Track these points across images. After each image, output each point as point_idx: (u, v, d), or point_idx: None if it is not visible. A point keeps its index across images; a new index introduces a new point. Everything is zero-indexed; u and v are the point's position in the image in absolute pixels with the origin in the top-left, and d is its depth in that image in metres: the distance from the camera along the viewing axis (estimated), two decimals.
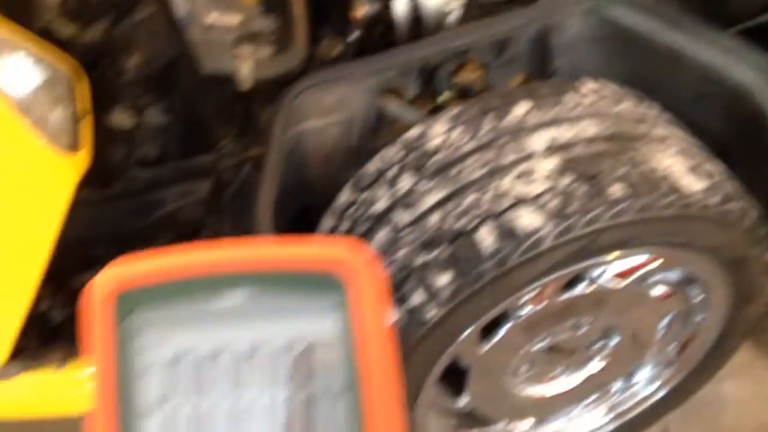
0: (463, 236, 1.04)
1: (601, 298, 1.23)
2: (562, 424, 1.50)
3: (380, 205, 1.15)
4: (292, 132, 1.22)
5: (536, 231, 1.01)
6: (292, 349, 0.25)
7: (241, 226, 1.42)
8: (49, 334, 1.24)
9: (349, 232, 1.18)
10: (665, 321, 1.35)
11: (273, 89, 1.30)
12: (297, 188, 1.28)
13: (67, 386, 1.06)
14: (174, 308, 0.25)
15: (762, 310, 1.34)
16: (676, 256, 1.18)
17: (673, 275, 1.27)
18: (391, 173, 1.17)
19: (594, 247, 1.05)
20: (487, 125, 1.12)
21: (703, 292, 1.30)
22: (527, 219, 1.02)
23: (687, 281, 1.29)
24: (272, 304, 0.25)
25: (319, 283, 0.25)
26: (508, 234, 1.02)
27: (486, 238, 1.03)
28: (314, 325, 0.25)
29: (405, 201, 1.12)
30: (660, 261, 1.22)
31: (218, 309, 0.25)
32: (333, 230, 1.21)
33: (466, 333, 1.15)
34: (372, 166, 1.20)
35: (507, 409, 1.40)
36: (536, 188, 1.04)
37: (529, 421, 1.48)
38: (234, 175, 1.34)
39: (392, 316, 0.26)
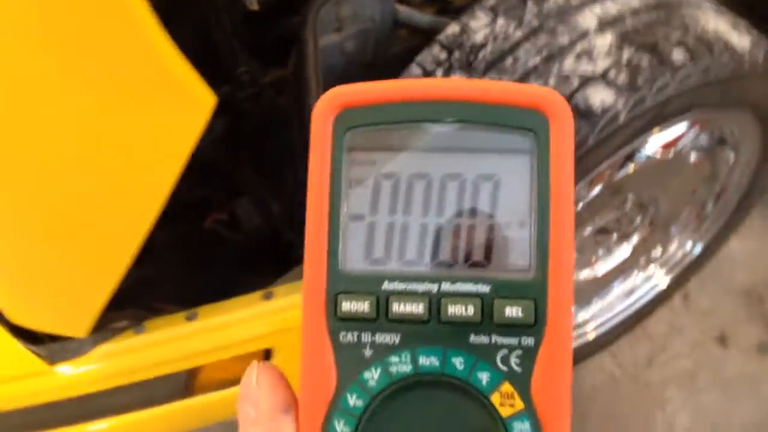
0: None
1: (647, 171, 1.25)
2: (600, 305, 1.54)
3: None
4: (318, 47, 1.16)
5: (611, 107, 1.00)
6: (485, 181, 0.29)
7: (261, 162, 1.36)
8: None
9: None
10: (699, 185, 1.39)
11: (283, 7, 1.23)
12: None
13: (149, 348, 1.00)
14: (385, 132, 0.29)
15: None
16: (721, 117, 1.21)
17: (710, 139, 1.30)
18: (436, 76, 1.13)
19: (663, 115, 1.05)
20: (530, 11, 1.10)
21: (734, 151, 1.33)
22: (599, 96, 1.01)
23: (720, 143, 1.32)
24: (474, 139, 0.29)
25: (523, 120, 0.29)
26: (582, 114, 1.00)
27: None
28: (510, 160, 0.29)
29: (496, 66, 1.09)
30: (699, 126, 1.24)
31: (425, 138, 0.29)
32: None
33: None
34: (411, 72, 1.16)
35: None
36: (600, 65, 1.02)
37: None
38: (253, 106, 1.26)
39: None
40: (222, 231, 1.37)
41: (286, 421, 0.29)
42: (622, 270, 1.46)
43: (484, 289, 0.29)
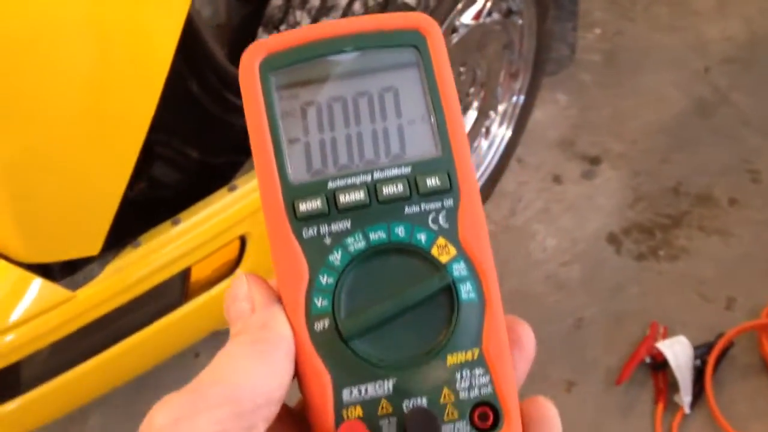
0: (389, 3, 1.33)
1: (466, 41, 1.61)
2: None
3: (305, 24, 1.39)
4: None
5: None
6: (386, 93, 0.37)
7: None
8: None
9: None
10: (503, 49, 1.78)
11: None
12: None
13: (148, 258, 1.17)
14: (301, 69, 0.37)
15: (553, 27, 1.82)
16: None
17: (500, 11, 1.69)
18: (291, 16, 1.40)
19: None
20: None
21: (520, 17, 1.74)
22: None
23: (508, 14, 1.71)
24: (372, 61, 0.37)
25: (406, 39, 0.37)
26: None
27: None
28: (403, 73, 0.37)
29: (324, 9, 1.38)
30: (491, 2, 1.63)
31: (333, 68, 0.37)
32: None
33: None
34: (273, 4, 1.42)
35: None
36: None
37: None
38: None
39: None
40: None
41: (277, 308, 0.34)
42: (473, 135, 1.82)
43: (407, 170, 0.36)
